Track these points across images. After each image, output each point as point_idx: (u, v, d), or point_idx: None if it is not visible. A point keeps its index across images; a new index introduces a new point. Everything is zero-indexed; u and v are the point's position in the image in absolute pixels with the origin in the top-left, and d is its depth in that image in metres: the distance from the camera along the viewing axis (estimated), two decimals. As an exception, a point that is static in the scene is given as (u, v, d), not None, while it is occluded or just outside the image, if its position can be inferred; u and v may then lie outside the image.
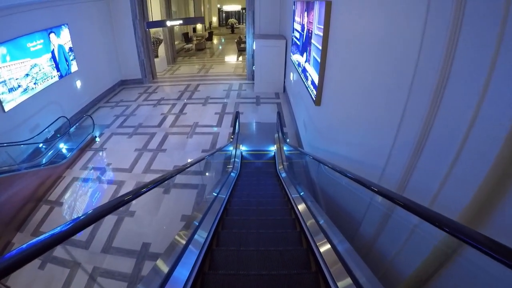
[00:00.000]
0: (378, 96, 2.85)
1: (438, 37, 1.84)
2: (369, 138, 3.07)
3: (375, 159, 2.87)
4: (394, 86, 2.49)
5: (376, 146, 2.88)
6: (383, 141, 2.64)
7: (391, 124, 2.47)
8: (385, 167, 2.58)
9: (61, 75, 9.77)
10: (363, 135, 3.27)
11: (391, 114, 2.51)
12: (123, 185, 7.02)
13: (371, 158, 3.02)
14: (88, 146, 8.80)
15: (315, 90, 5.20)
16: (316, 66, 5.09)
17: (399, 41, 2.44)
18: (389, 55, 2.61)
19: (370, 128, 3.05)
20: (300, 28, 6.98)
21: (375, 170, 2.78)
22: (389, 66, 2.60)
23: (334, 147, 4.48)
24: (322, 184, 4.39)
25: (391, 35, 2.60)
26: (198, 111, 10.71)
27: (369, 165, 3.04)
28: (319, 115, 5.40)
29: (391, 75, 2.56)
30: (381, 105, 2.78)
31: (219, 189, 4.84)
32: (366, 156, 3.15)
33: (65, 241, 1.22)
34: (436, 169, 1.89)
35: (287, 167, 6.35)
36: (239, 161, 7.35)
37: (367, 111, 3.12)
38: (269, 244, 3.06)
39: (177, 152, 8.08)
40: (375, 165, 2.83)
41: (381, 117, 2.76)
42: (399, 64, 2.41)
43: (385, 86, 2.70)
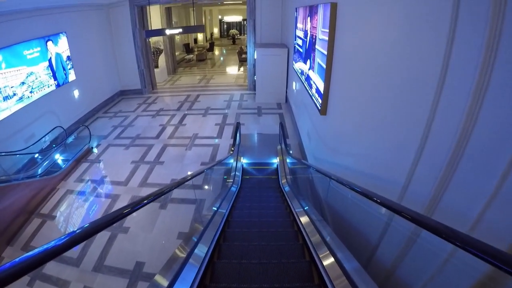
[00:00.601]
0: (393, 106, 2.53)
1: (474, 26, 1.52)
2: (383, 150, 2.73)
3: (392, 174, 2.54)
4: (415, 96, 2.17)
5: (392, 160, 2.54)
6: (402, 154, 2.31)
7: (412, 136, 2.16)
8: (408, 184, 2.23)
9: (58, 84, 9.56)
10: (375, 147, 2.93)
11: (411, 125, 2.20)
12: (117, 199, 6.68)
13: (386, 173, 2.68)
14: (84, 158, 8.51)
15: (320, 99, 4.88)
16: (321, 72, 4.78)
17: (421, 43, 2.12)
18: (409, 58, 2.28)
19: (384, 140, 2.71)
20: (302, 35, 6.71)
21: (393, 186, 2.44)
22: (409, 71, 2.27)
23: (341, 159, 4.14)
24: (330, 199, 4.03)
25: (410, 36, 2.28)
26: (198, 122, 10.40)
27: (384, 180, 2.70)
28: (324, 125, 5.06)
29: (411, 81, 2.23)
30: (397, 115, 2.45)
31: (218, 204, 4.51)
32: (380, 170, 2.81)
33: (56, 257, 1.16)
34: (477, 188, 1.56)
35: (290, 181, 5.99)
36: (240, 174, 6.98)
37: (380, 122, 2.79)
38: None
39: (175, 165, 7.74)
40: (392, 181, 2.50)
41: (399, 128, 2.43)
42: (423, 67, 2.08)
43: (402, 96, 2.37)
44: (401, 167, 2.31)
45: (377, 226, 2.54)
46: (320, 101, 4.84)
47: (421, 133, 2.05)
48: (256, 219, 4.23)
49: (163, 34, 10.04)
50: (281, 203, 4.96)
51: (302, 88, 7.27)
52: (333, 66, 4.41)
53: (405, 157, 2.25)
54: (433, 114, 1.94)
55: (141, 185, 7.03)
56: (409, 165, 2.19)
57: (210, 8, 32.15)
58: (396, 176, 2.40)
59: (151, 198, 2.08)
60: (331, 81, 4.52)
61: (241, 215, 4.62)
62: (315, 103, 5.29)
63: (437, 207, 1.88)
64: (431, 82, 1.92)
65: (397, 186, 2.37)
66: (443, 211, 1.85)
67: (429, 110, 1.96)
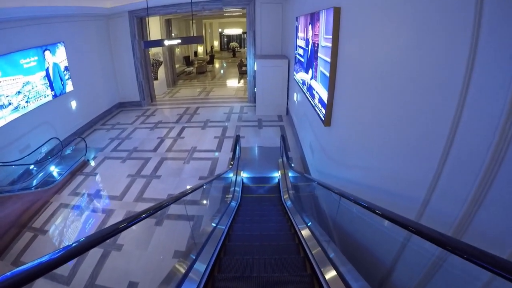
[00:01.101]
0: (407, 115, 2.29)
1: None
2: (397, 163, 2.48)
3: (408, 188, 2.28)
4: (436, 102, 1.93)
5: (409, 173, 2.29)
6: (422, 166, 2.07)
7: (434, 146, 1.91)
8: (428, 199, 1.98)
9: (55, 95, 9.39)
10: (386, 159, 2.68)
11: (432, 133, 1.96)
12: (112, 214, 6.39)
13: (400, 187, 2.42)
14: (79, 170, 8.26)
15: (324, 109, 4.64)
16: (325, 81, 4.55)
17: (440, 46, 1.89)
18: (428, 62, 2.05)
19: (398, 151, 2.46)
20: (304, 44, 6.52)
21: (409, 202, 2.20)
22: (428, 77, 2.03)
23: (347, 173, 3.88)
24: (336, 215, 3.76)
25: (426, 40, 2.06)
26: (196, 135, 10.15)
27: (397, 195, 2.44)
28: (328, 137, 4.81)
29: (430, 87, 1.99)
30: (414, 124, 2.20)
31: (217, 221, 4.25)
32: (393, 185, 2.56)
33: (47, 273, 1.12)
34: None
35: (293, 196, 5.70)
36: (239, 189, 6.67)
37: (393, 131, 2.55)
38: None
39: (172, 179, 7.45)
40: (408, 196, 2.25)
41: (416, 137, 2.18)
42: (444, 72, 1.85)
43: (419, 103, 2.13)
44: (419, 181, 2.06)
45: (391, 246, 2.28)
46: (324, 111, 4.61)
47: (443, 142, 1.81)
48: (257, 236, 3.96)
49: (161, 44, 9.87)
50: (288, 229, 4.65)
51: (304, 99, 7.06)
52: (337, 73, 4.19)
53: (424, 170, 2.00)
54: (457, 121, 1.70)
55: (137, 200, 6.75)
56: (430, 179, 1.94)
57: (210, 21, 32.33)
58: (414, 191, 2.16)
59: (146, 214, 1.99)
60: (335, 90, 4.30)
61: (241, 231, 4.37)
62: (318, 114, 5.05)
63: (468, 228, 1.62)
64: (453, 87, 1.70)
65: (414, 202, 2.12)
66: (476, 233, 1.58)
67: (453, 117, 1.73)
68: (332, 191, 2.81)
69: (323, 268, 2.52)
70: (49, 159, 8.27)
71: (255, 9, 11.48)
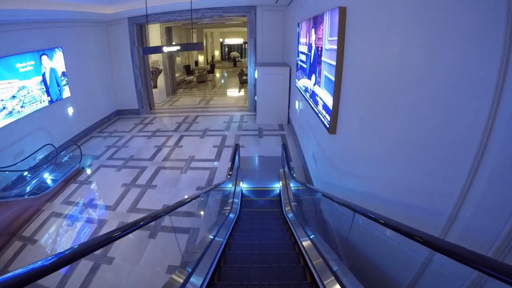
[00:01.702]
0: (429, 119, 2.01)
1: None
2: (415, 172, 2.19)
3: (428, 201, 2.01)
4: (464, 101, 1.66)
5: (429, 184, 2.00)
6: (445, 176, 1.79)
7: (461, 154, 1.65)
8: (456, 214, 1.68)
9: (51, 100, 9.21)
10: (401, 168, 2.39)
11: (459, 140, 1.70)
12: (104, 225, 6.10)
13: (418, 199, 2.14)
14: (73, 178, 7.98)
15: (328, 116, 4.37)
16: (329, 86, 4.29)
17: (469, 43, 1.62)
18: (451, 62, 1.78)
19: (416, 159, 2.17)
20: (306, 49, 6.29)
21: (431, 216, 1.92)
22: (452, 77, 1.76)
23: (354, 183, 3.58)
24: (343, 230, 3.45)
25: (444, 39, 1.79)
26: (195, 144, 9.87)
27: (415, 208, 2.16)
28: (333, 145, 4.52)
29: (458, 87, 1.72)
30: (435, 131, 1.93)
31: (214, 234, 3.95)
32: (409, 197, 2.27)
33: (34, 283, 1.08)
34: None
35: (295, 208, 5.37)
36: (238, 201, 6.32)
37: (409, 138, 2.27)
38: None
39: (168, 189, 7.14)
40: (429, 210, 1.97)
41: (437, 145, 1.91)
42: (473, 71, 1.58)
43: (442, 107, 1.86)
44: (444, 193, 1.78)
45: (409, 266, 1.99)
46: (329, 118, 4.33)
47: (474, 149, 1.54)
48: (257, 257, 3.64)
49: (160, 51, 9.65)
50: (288, 240, 4.33)
51: (306, 107, 6.80)
52: (343, 77, 3.93)
53: (451, 180, 1.72)
54: (492, 122, 1.43)
55: (130, 211, 6.44)
56: (458, 190, 1.66)
57: (211, 31, 32.37)
58: (437, 204, 1.88)
59: (137, 226, 1.90)
60: (341, 94, 4.03)
61: (240, 250, 4.04)
62: (322, 121, 4.78)
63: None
64: (486, 88, 1.46)
65: (437, 217, 1.83)
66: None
67: (487, 116, 1.45)
68: (348, 208, 2.48)
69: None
70: (43, 166, 8.04)
71: (256, 16, 11.31)
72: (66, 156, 8.90)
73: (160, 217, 2.43)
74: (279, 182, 7.09)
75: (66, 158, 8.82)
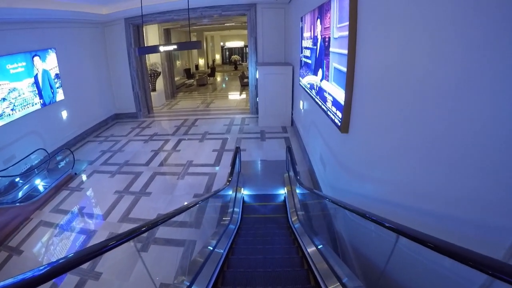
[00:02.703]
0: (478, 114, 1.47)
1: None
2: (459, 175, 1.65)
3: (476, 212, 1.47)
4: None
5: (482, 190, 1.46)
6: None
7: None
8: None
9: (44, 103, 8.80)
10: (439, 170, 1.85)
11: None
12: (93, 235, 5.61)
13: (465, 210, 1.60)
14: (64, 185, 7.51)
15: (340, 112, 3.84)
16: (340, 79, 3.77)
17: None
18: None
19: (461, 159, 1.64)
20: (311, 43, 5.79)
21: (493, 234, 1.37)
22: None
23: (372, 189, 3.05)
24: (360, 244, 2.91)
25: None
26: (193, 147, 9.35)
27: (459, 220, 1.62)
28: (345, 146, 3.98)
29: None
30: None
31: (212, 247, 3.44)
32: (450, 206, 1.73)
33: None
34: None
35: (303, 218, 4.79)
36: (239, 210, 5.74)
37: (448, 135, 1.74)
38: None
39: (163, 197, 6.60)
40: (476, 223, 1.44)
41: (489, 142, 1.38)
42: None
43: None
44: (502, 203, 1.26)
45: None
46: (340, 115, 3.80)
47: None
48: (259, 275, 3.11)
49: (157, 50, 9.21)
50: (296, 255, 3.79)
51: (312, 105, 6.28)
52: (357, 66, 3.40)
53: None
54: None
55: (122, 220, 5.92)
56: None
57: (212, 35, 32.08)
58: (490, 217, 1.35)
59: (127, 237, 1.77)
60: (354, 87, 3.50)
61: (240, 267, 3.51)
62: (332, 119, 4.25)
63: None
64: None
65: (496, 233, 1.31)
66: None
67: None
68: (391, 230, 1.86)
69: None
70: (34, 172, 7.64)
71: (256, 14, 10.84)
72: (63, 162, 8.48)
73: (141, 233, 2.04)
74: (283, 188, 6.53)
75: (63, 164, 8.41)
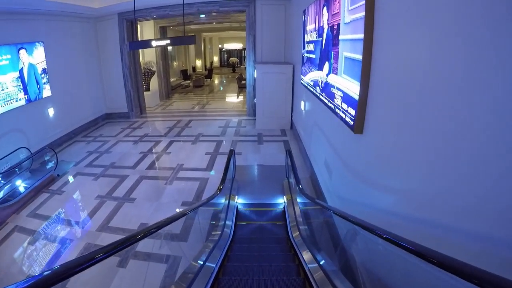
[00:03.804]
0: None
1: None
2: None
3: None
4: None
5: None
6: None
7: None
8: None
9: (29, 99, 8.28)
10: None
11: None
12: (68, 246, 4.93)
13: None
14: (45, 187, 6.89)
15: (353, 109, 3.22)
16: (354, 69, 3.15)
17: None
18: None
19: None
20: (315, 36, 5.21)
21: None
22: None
23: (390, 200, 2.42)
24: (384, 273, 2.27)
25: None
26: (185, 150, 8.70)
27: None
28: (359, 149, 3.35)
29: None
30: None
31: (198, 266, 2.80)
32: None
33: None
34: None
35: (306, 234, 4.12)
36: (231, 223, 4.98)
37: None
38: None
39: (148, 204, 5.93)
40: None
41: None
42: None
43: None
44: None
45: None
46: (353, 112, 3.18)
47: None
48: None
49: (149, 45, 8.61)
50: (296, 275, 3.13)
51: (316, 105, 5.68)
52: (375, 53, 2.79)
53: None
54: None
55: (101, 229, 5.25)
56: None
57: (210, 37, 31.66)
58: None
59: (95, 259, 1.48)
60: (371, 78, 2.88)
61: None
62: (343, 118, 3.62)
63: None
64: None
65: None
66: None
67: None
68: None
69: None
70: (16, 171, 7.09)
71: (255, 11, 10.27)
72: (51, 162, 7.85)
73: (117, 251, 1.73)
74: (282, 197, 5.87)
75: (51, 164, 7.78)
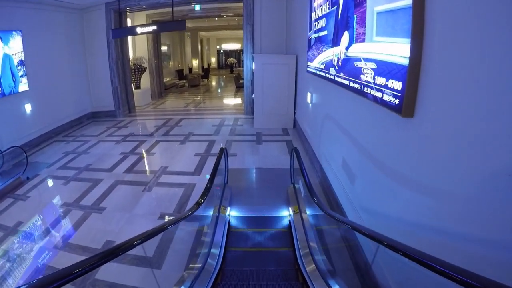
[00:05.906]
0: None
1: None
2: None
3: None
4: None
5: None
6: None
7: None
8: None
9: (3, 93, 7.54)
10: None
11: None
12: (19, 265, 3.82)
13: None
14: (11, 191, 5.93)
15: (398, 80, 2.13)
16: (397, 23, 2.08)
17: None
18: None
19: None
20: (327, 7, 4.19)
21: None
22: None
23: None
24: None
25: None
26: (171, 151, 7.63)
27: None
28: (405, 140, 2.26)
29: None
30: None
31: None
32: None
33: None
34: None
35: (327, 267, 2.91)
36: (218, 253, 3.44)
37: None
38: None
39: (119, 215, 4.79)
40: None
41: None
42: None
43: None
44: None
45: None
46: (400, 85, 2.10)
47: None
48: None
49: (133, 33, 7.67)
50: None
51: (329, 92, 4.65)
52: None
53: None
54: None
55: (59, 247, 4.15)
56: None
57: (208, 36, 30.87)
58: None
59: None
60: (426, 26, 1.81)
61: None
62: (379, 98, 2.50)
63: None
64: None
65: None
66: None
67: None
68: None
69: None
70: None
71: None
72: (30, 164, 7.05)
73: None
74: (287, 209, 4.54)
75: (36, 165, 7.13)
